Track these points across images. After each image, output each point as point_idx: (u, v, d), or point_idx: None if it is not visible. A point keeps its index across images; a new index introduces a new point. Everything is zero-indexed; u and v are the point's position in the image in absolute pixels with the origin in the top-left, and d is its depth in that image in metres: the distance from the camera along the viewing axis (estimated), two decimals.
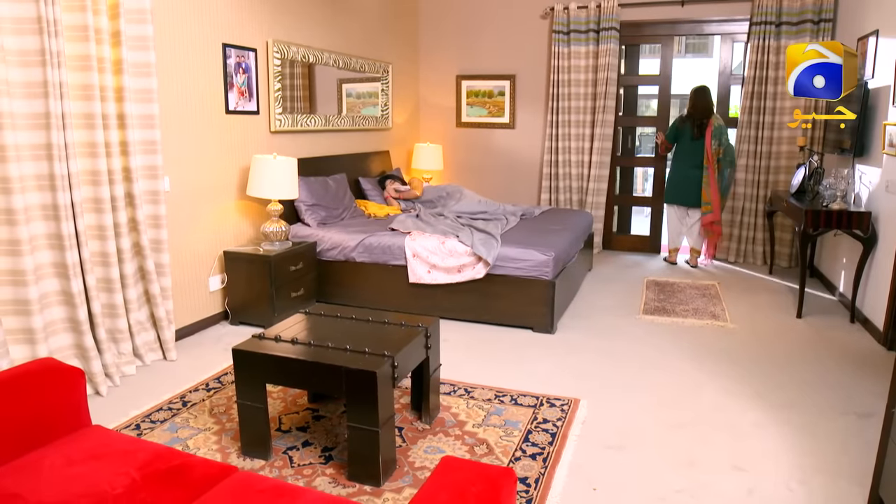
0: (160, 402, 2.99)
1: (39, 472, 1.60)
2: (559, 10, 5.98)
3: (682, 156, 5.67)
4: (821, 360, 3.56)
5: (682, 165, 5.64)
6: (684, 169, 5.63)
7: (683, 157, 5.65)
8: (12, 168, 2.73)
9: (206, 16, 3.87)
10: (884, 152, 3.93)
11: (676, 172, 5.71)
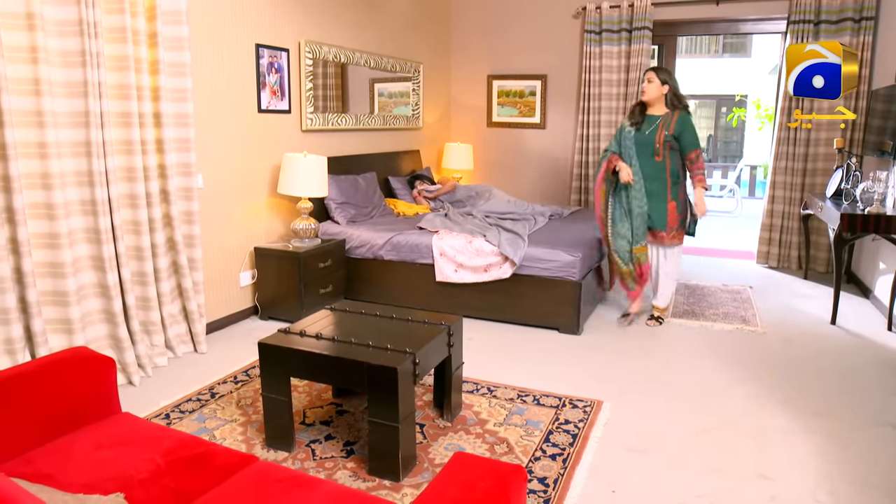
0: (189, 393, 3.07)
1: (70, 455, 1.67)
2: (591, 9, 5.94)
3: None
4: (854, 368, 3.48)
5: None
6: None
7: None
8: (53, 164, 2.84)
9: (239, 17, 3.96)
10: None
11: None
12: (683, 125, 3.90)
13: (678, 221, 4.00)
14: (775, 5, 5.49)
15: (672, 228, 4.00)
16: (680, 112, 3.92)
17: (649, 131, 3.93)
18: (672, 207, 3.97)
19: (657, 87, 3.91)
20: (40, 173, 2.84)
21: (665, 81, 3.89)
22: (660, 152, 3.92)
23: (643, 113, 4.00)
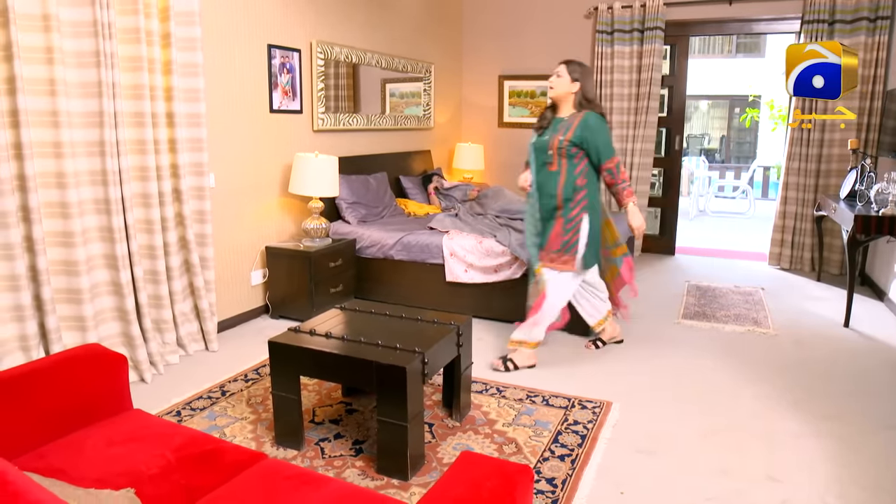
0: (200, 391, 3.09)
1: (82, 450, 1.69)
2: (603, 9, 5.92)
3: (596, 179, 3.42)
4: (867, 371, 3.45)
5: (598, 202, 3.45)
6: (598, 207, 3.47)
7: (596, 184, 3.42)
8: (68, 164, 2.88)
9: (251, 18, 3.98)
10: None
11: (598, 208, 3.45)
12: (586, 128, 3.22)
13: (559, 243, 3.32)
14: (789, 5, 5.45)
15: (551, 250, 3.35)
16: (586, 113, 3.26)
17: (548, 136, 3.34)
18: (557, 225, 3.32)
19: (565, 83, 3.28)
20: (55, 172, 2.87)
21: (577, 78, 3.27)
22: (553, 161, 3.30)
23: (554, 114, 3.40)
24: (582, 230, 3.32)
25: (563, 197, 3.30)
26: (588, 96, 3.30)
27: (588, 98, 3.30)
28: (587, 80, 3.30)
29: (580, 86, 3.27)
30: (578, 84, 3.27)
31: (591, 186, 3.33)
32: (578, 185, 3.29)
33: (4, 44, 2.61)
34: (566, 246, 3.33)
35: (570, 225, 3.31)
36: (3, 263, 2.69)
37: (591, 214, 3.33)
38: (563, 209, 3.31)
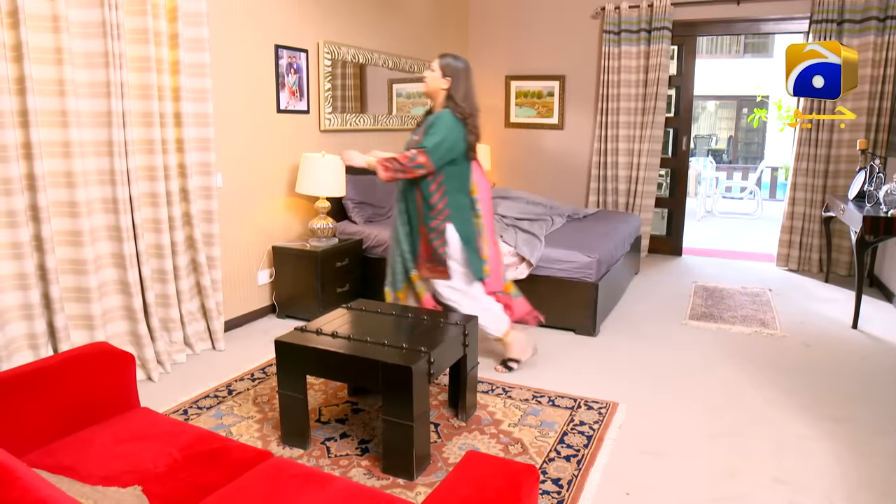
0: (207, 390, 3.11)
1: (90, 448, 1.70)
2: (610, 9, 5.91)
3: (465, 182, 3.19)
4: (875, 374, 3.43)
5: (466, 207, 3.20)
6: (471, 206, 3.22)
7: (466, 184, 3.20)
8: (76, 163, 2.89)
9: (259, 18, 4.00)
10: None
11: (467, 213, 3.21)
12: (429, 127, 3.04)
13: (430, 253, 3.14)
14: (797, 4, 5.42)
15: (425, 260, 3.18)
16: (441, 112, 3.06)
17: (413, 136, 3.20)
18: (423, 233, 3.15)
19: (436, 78, 3.06)
20: (64, 172, 2.89)
21: (448, 74, 3.04)
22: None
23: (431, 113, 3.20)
24: (449, 239, 3.11)
25: (423, 206, 3.11)
26: (455, 95, 3.05)
27: (454, 98, 3.05)
28: (460, 77, 3.06)
29: (450, 83, 3.05)
30: (449, 80, 3.05)
31: (455, 193, 3.10)
32: (433, 191, 3.07)
33: (14, 44, 2.63)
34: (435, 257, 3.15)
35: (434, 235, 3.12)
36: (12, 262, 2.71)
37: (456, 222, 3.11)
38: (425, 218, 3.12)
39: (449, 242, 3.13)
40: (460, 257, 3.16)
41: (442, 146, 2.99)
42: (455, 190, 3.12)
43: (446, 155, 3.02)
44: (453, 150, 3.04)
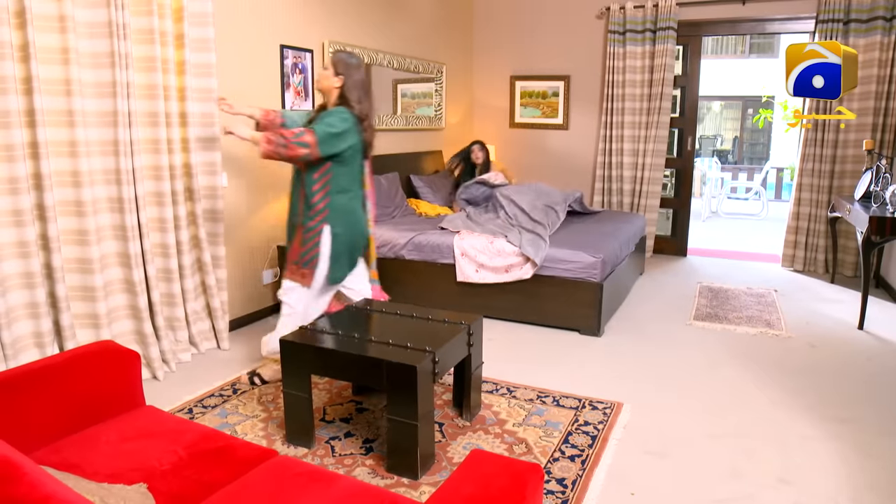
0: (212, 389, 3.12)
1: (96, 445, 1.71)
2: (615, 9, 5.90)
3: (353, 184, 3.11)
4: (881, 374, 3.41)
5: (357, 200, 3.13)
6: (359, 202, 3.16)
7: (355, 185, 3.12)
8: (83, 163, 2.91)
9: (264, 18, 4.01)
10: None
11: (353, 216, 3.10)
12: (324, 115, 2.94)
13: (298, 254, 3.02)
14: (803, 4, 5.41)
15: (291, 260, 3.07)
16: (332, 109, 2.97)
17: None
18: (298, 234, 3.04)
19: (329, 76, 2.98)
20: (70, 171, 2.90)
21: (341, 72, 2.95)
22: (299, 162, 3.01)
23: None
24: (322, 242, 2.99)
25: (304, 204, 3.00)
26: (349, 95, 2.95)
27: (348, 97, 2.95)
28: (352, 75, 2.95)
29: (343, 81, 2.95)
30: (342, 79, 2.95)
31: (339, 195, 3.00)
32: (316, 190, 2.97)
33: (21, 44, 2.64)
34: (304, 259, 3.01)
35: (309, 236, 2.99)
36: (18, 261, 2.73)
37: (336, 226, 3.00)
38: (303, 217, 3.00)
39: (322, 247, 2.99)
40: (326, 264, 3.02)
41: (331, 133, 2.86)
42: (340, 191, 3.00)
43: (335, 144, 2.88)
44: (342, 141, 2.90)
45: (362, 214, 3.15)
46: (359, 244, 3.15)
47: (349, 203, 3.06)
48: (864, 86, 5.14)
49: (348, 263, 3.13)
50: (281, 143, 2.81)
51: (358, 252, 3.18)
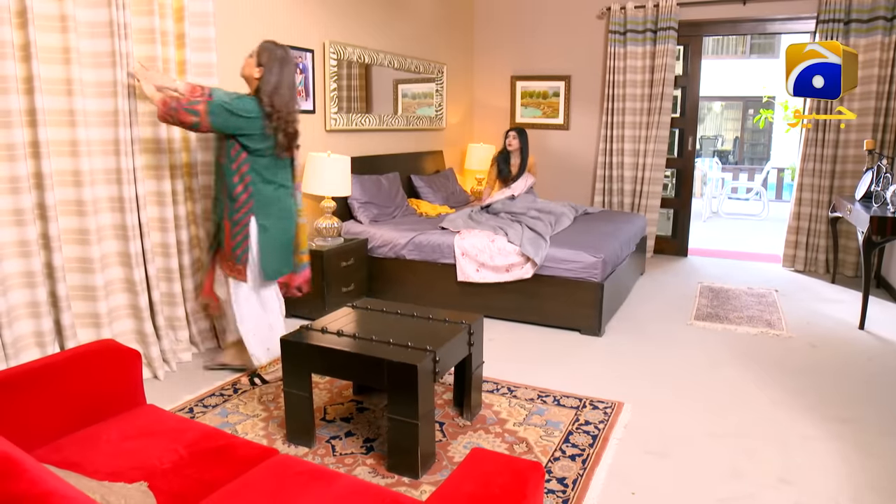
0: (212, 388, 3.11)
1: (96, 444, 1.71)
2: (616, 9, 5.91)
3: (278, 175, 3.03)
4: (882, 374, 3.41)
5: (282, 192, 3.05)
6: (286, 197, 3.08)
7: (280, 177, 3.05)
8: (83, 162, 2.91)
9: (265, 18, 4.01)
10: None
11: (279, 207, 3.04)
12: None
13: (230, 249, 2.99)
14: (804, 4, 5.41)
15: (226, 257, 3.03)
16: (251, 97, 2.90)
17: None
18: (226, 228, 2.99)
19: (250, 66, 2.93)
20: (71, 171, 2.91)
21: (262, 63, 2.88)
22: (221, 151, 2.97)
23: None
24: (251, 235, 2.96)
25: (227, 195, 2.96)
26: (263, 87, 2.86)
27: (262, 90, 2.86)
28: (272, 69, 2.87)
29: (262, 73, 2.87)
30: (261, 71, 2.88)
31: (263, 186, 2.94)
32: (236, 182, 2.92)
33: (23, 44, 2.65)
34: (235, 254, 2.99)
35: (237, 230, 2.96)
36: (19, 260, 2.73)
37: (261, 217, 2.95)
38: (229, 210, 2.96)
39: (250, 238, 2.96)
40: (257, 258, 3.00)
41: (225, 107, 2.78)
42: (264, 181, 2.95)
43: (226, 120, 2.79)
44: (234, 120, 2.80)
45: (292, 206, 3.09)
46: (291, 236, 3.10)
47: (274, 193, 3.00)
48: (864, 86, 5.14)
49: (283, 257, 3.08)
50: (173, 106, 2.78)
51: (291, 248, 3.13)
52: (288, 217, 3.07)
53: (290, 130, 2.96)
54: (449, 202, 5.67)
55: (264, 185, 2.96)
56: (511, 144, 5.40)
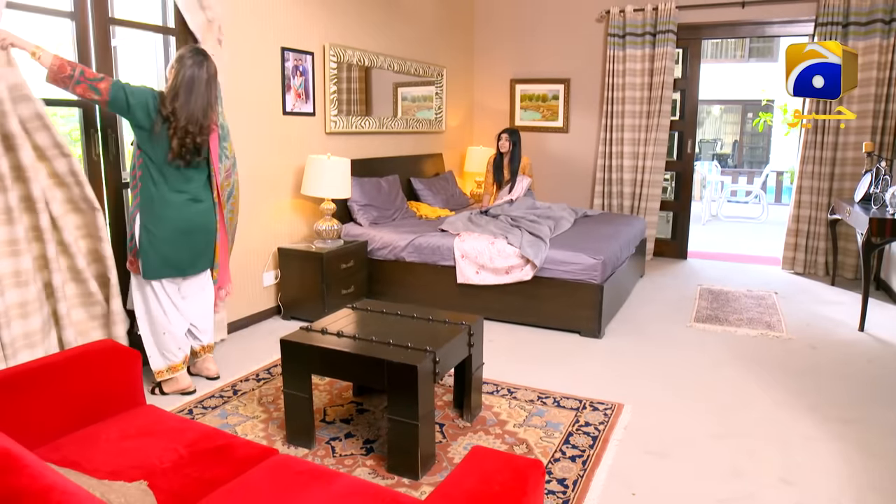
0: (212, 390, 3.11)
1: (96, 443, 1.71)
2: (615, 13, 5.92)
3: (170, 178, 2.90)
4: (883, 376, 3.41)
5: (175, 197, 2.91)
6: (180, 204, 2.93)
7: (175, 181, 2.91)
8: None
9: (266, 21, 4.02)
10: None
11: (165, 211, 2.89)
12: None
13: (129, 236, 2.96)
14: (802, 7, 5.42)
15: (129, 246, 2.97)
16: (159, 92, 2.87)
17: None
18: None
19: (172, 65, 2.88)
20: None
21: (174, 65, 2.84)
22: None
23: None
24: (136, 228, 2.87)
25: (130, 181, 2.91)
26: (169, 92, 2.80)
27: (167, 92, 2.80)
28: (181, 71, 2.79)
29: (172, 74, 2.83)
30: (172, 72, 2.83)
31: (150, 185, 2.84)
32: (133, 175, 2.88)
33: None
34: (130, 244, 2.93)
35: (130, 221, 2.91)
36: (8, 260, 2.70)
37: (144, 216, 2.85)
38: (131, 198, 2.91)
39: (136, 231, 2.88)
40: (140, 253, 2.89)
41: (127, 90, 2.72)
42: (153, 183, 2.84)
43: (122, 104, 2.72)
44: (128, 107, 2.73)
45: (191, 216, 2.95)
46: (178, 246, 2.93)
47: (165, 197, 2.86)
48: (863, 88, 5.15)
49: (162, 262, 2.90)
50: (76, 77, 2.64)
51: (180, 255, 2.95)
52: (177, 228, 2.90)
53: (186, 140, 2.81)
54: (448, 205, 5.67)
55: (154, 187, 2.85)
56: (503, 146, 5.41)
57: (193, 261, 3.02)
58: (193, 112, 2.81)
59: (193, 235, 2.98)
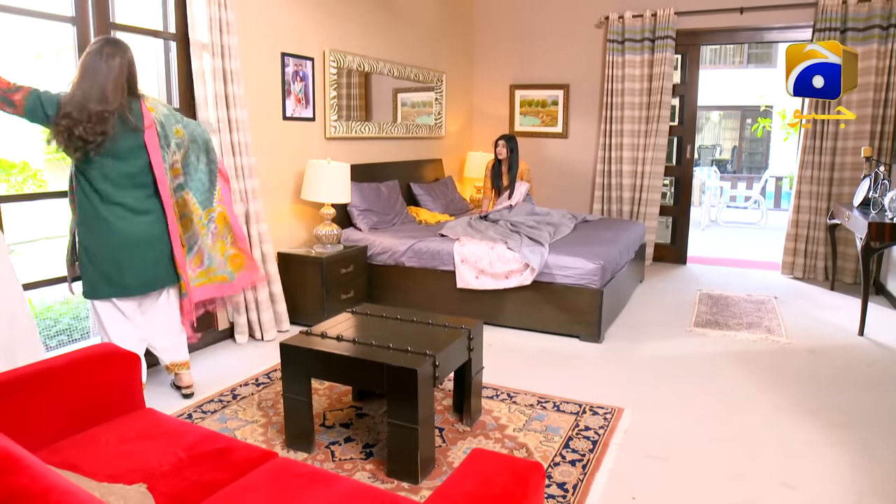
0: (212, 394, 3.11)
1: (95, 447, 1.70)
2: (614, 18, 5.94)
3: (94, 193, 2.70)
4: (883, 380, 3.40)
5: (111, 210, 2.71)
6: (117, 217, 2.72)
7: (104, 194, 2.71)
8: None
9: (266, 26, 4.03)
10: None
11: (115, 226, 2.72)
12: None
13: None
14: (800, 13, 5.44)
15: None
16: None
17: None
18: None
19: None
20: None
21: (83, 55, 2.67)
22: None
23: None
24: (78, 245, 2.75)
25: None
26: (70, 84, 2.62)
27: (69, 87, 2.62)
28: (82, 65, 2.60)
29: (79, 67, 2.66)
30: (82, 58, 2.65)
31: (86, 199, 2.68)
32: (70, 188, 2.74)
33: None
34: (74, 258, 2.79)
35: (71, 235, 2.77)
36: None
37: (81, 232, 2.72)
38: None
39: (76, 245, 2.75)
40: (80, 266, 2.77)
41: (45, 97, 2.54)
42: (85, 195, 2.68)
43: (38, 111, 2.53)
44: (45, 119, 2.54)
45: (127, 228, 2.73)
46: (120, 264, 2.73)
47: (95, 210, 2.68)
48: (861, 93, 5.17)
49: (102, 281, 2.73)
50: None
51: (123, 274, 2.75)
52: (116, 244, 2.72)
53: (75, 132, 2.52)
54: (448, 210, 5.68)
55: (88, 202, 2.68)
56: (500, 153, 5.43)
57: (144, 279, 2.81)
58: (81, 101, 2.55)
59: (138, 251, 2.76)
